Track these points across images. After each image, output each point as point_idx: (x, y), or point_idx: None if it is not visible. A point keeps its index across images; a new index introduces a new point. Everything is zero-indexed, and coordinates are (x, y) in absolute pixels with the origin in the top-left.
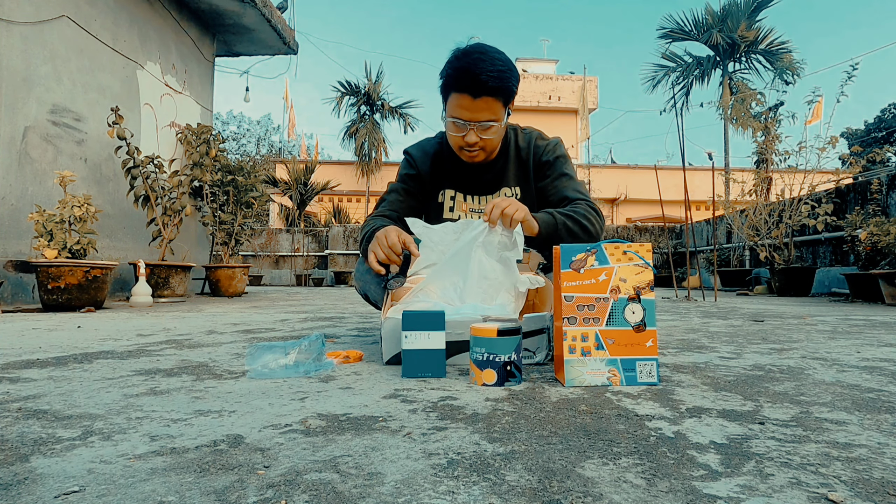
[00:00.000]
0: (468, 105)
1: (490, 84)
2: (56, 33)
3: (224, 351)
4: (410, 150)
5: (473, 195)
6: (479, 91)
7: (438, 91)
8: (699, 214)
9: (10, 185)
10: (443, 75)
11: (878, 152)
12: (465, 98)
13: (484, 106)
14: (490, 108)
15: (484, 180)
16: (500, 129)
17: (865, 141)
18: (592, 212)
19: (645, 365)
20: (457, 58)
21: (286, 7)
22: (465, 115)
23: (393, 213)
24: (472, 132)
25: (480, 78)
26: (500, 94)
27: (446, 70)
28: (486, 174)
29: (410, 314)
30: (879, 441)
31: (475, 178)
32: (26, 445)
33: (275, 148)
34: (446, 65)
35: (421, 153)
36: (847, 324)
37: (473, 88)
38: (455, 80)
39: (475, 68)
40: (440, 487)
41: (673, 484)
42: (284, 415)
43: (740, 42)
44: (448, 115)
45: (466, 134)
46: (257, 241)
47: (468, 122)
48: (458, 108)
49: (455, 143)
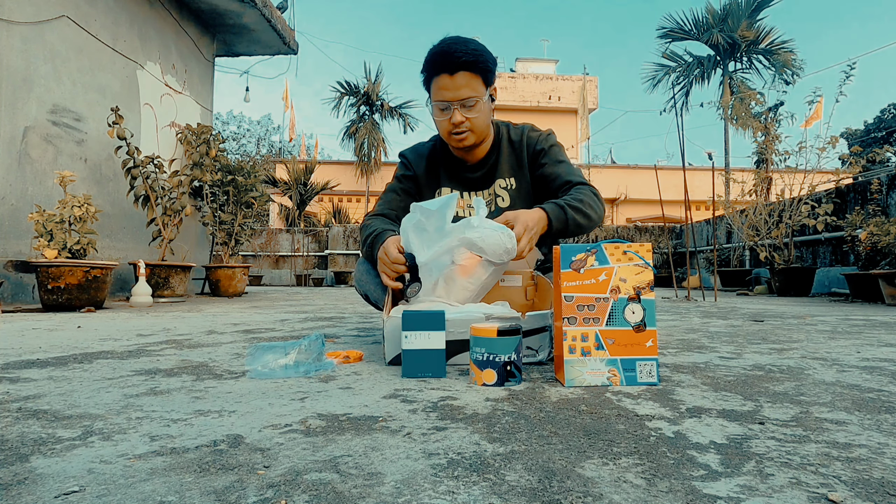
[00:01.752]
0: (447, 84)
1: (463, 59)
2: (56, 33)
3: (224, 351)
4: (405, 152)
5: (470, 191)
6: (454, 67)
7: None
8: (699, 214)
9: (10, 185)
10: (423, 69)
11: (878, 152)
12: (443, 78)
13: (463, 82)
14: (469, 84)
15: (478, 176)
16: (484, 108)
17: (865, 141)
18: (595, 197)
19: (645, 365)
20: (432, 47)
21: (286, 7)
22: (447, 95)
23: (391, 212)
24: (456, 112)
25: (454, 55)
26: (476, 69)
27: (424, 61)
28: (480, 169)
29: (410, 314)
30: (879, 441)
31: (469, 174)
32: (26, 445)
33: (275, 148)
34: (426, 55)
35: (415, 155)
36: (847, 324)
37: (449, 66)
38: (432, 64)
39: (448, 49)
40: (440, 487)
41: (673, 484)
42: (284, 415)
43: (741, 41)
44: (432, 100)
45: (452, 115)
46: (257, 241)
47: (450, 102)
48: (440, 90)
49: (444, 130)
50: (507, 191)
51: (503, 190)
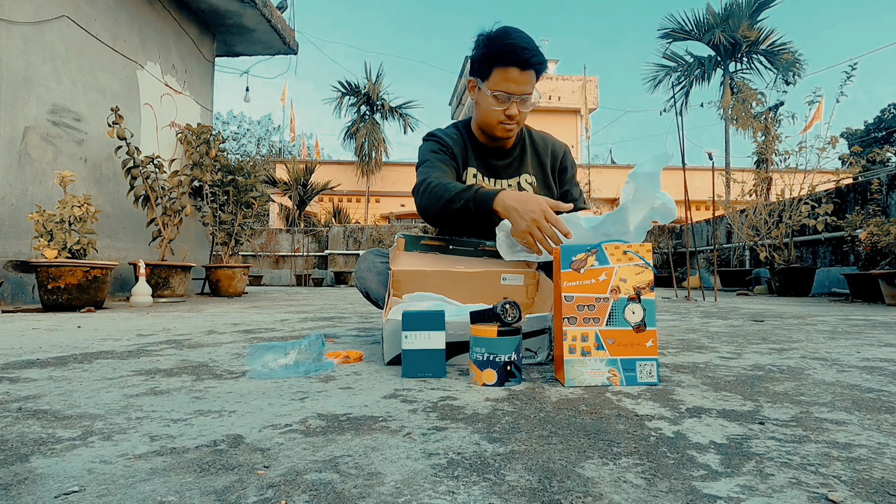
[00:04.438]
0: (516, 78)
1: (534, 59)
2: (56, 33)
3: (224, 351)
4: (434, 132)
5: (494, 178)
6: (526, 64)
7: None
8: (699, 214)
9: (10, 185)
10: (485, 51)
11: (878, 152)
12: (513, 71)
13: (528, 79)
14: (531, 82)
15: (503, 164)
16: (532, 107)
17: (865, 141)
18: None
19: (645, 365)
20: (499, 35)
21: (286, 7)
22: (512, 88)
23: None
24: (514, 105)
25: (530, 51)
26: (539, 71)
27: (490, 46)
28: (505, 158)
29: (410, 314)
30: (879, 441)
31: (496, 161)
32: (26, 445)
33: (275, 148)
34: (486, 42)
35: (443, 135)
36: (847, 324)
37: (522, 62)
38: (504, 54)
39: (523, 43)
40: (440, 487)
41: (673, 484)
42: (284, 415)
43: (742, 42)
44: (491, 88)
45: (509, 107)
46: (257, 241)
47: (514, 94)
48: (505, 82)
49: (494, 119)
50: (531, 186)
51: (528, 185)
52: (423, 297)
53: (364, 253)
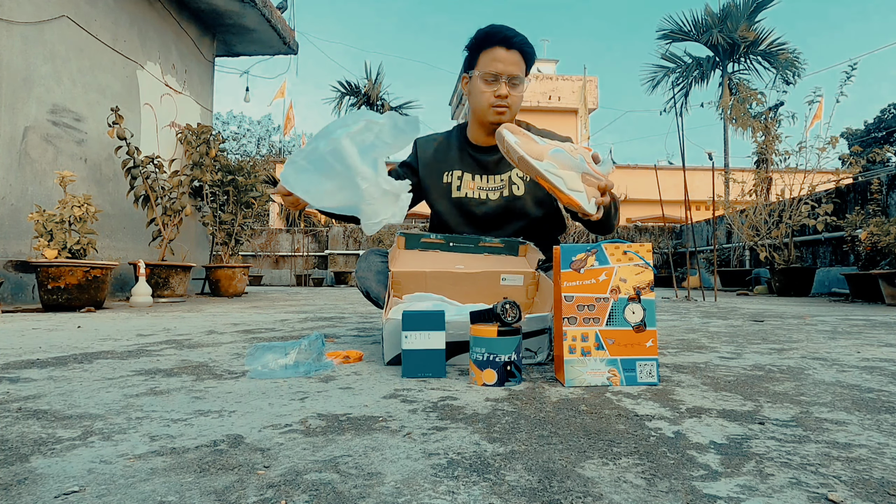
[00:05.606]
0: (503, 57)
1: (519, 39)
2: (56, 33)
3: (224, 351)
4: (419, 138)
5: (482, 175)
6: (510, 42)
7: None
8: (699, 214)
9: (10, 185)
10: (472, 42)
11: (878, 152)
12: (498, 50)
13: (515, 59)
14: (518, 64)
15: (495, 160)
16: (523, 91)
17: (865, 141)
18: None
19: (645, 365)
20: (484, 27)
21: (286, 7)
22: (500, 67)
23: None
24: (503, 84)
25: (511, 32)
26: (526, 53)
27: (475, 37)
28: (498, 153)
29: (410, 314)
30: (879, 441)
31: (488, 158)
32: (26, 445)
33: (275, 148)
34: (476, 33)
35: (426, 140)
36: (847, 324)
37: (507, 41)
38: (488, 36)
39: (505, 28)
40: (440, 487)
41: (673, 484)
42: (284, 415)
43: (740, 42)
44: (480, 70)
45: (499, 88)
46: (257, 241)
47: (501, 74)
48: (492, 62)
49: (486, 102)
50: (523, 181)
51: (520, 179)
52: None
53: (364, 252)
